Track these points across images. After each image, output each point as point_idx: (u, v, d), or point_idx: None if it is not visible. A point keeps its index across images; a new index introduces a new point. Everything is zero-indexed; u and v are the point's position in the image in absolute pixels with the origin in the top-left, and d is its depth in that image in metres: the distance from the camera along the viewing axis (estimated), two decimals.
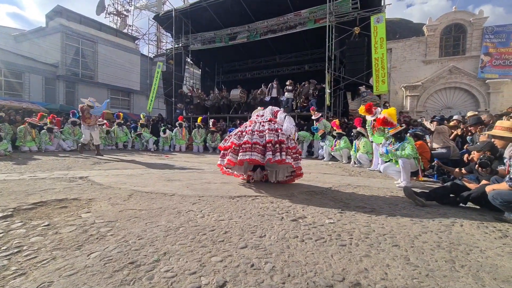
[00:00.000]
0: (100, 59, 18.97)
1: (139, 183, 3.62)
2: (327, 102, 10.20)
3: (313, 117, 8.72)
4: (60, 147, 8.80)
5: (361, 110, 5.61)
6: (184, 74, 16.58)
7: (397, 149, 4.13)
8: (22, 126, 8.01)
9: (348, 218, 2.32)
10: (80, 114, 7.25)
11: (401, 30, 21.43)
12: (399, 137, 4.21)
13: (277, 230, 1.98)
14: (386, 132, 4.73)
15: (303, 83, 11.66)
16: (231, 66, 17.43)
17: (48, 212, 2.27)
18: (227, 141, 3.76)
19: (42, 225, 1.95)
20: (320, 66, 13.11)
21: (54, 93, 17.23)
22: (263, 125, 3.64)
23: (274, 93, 11.59)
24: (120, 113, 11.36)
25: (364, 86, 11.11)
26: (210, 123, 10.72)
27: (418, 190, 3.14)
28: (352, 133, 6.94)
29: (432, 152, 5.06)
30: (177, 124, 11.00)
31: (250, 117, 4.23)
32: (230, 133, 3.96)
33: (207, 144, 10.87)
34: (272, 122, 3.70)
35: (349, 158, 7.25)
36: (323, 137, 8.01)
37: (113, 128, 10.65)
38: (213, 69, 17.65)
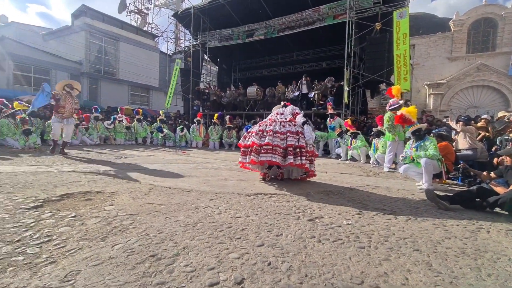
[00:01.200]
0: (122, 56, 19.57)
1: (158, 178, 3.72)
2: (345, 100, 9.98)
3: (327, 112, 8.58)
4: (83, 142, 9.19)
5: (396, 121, 4.87)
6: (201, 71, 16.79)
7: (416, 149, 3.99)
8: (50, 121, 8.42)
9: (366, 220, 2.27)
10: (54, 102, 5.82)
11: (425, 25, 20.48)
12: (418, 135, 4.06)
13: (293, 229, 1.98)
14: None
15: (316, 82, 11.48)
16: (247, 63, 17.42)
17: (75, 204, 2.38)
18: (246, 139, 3.78)
19: (70, 216, 2.05)
20: (338, 63, 12.82)
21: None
22: (283, 126, 3.63)
23: (304, 89, 11.46)
24: (140, 109, 11.70)
25: (384, 84, 10.77)
26: (227, 120, 10.79)
27: (441, 193, 3.02)
28: (372, 132, 6.77)
29: (457, 153, 4.84)
30: (195, 120, 11.19)
31: (268, 114, 4.25)
32: (249, 131, 3.97)
33: (223, 140, 10.98)
34: (293, 122, 3.68)
35: (367, 157, 7.09)
36: (340, 136, 7.87)
37: (133, 123, 11.00)
38: (230, 66, 17.72)
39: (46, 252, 1.47)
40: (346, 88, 9.93)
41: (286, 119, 3.76)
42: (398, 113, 4.34)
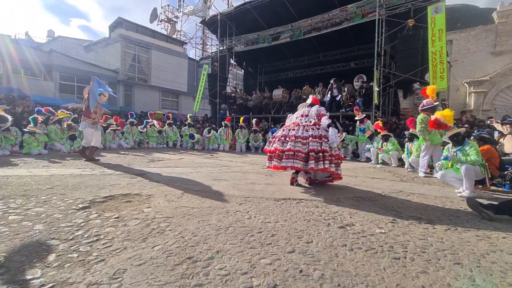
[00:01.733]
0: (153, 63, 20.65)
1: (189, 182, 3.89)
2: (375, 100, 9.62)
3: (356, 118, 8.33)
4: (120, 146, 9.84)
5: (431, 126, 4.63)
6: (228, 75, 17.17)
7: (456, 155, 3.73)
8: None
9: (401, 229, 2.19)
10: (86, 105, 5.72)
11: (464, 17, 19.04)
12: (456, 140, 3.80)
13: (324, 236, 1.97)
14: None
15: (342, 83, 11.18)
16: (273, 66, 17.49)
17: (117, 205, 2.58)
18: (270, 144, 3.82)
19: (113, 217, 2.23)
20: (368, 62, 12.39)
21: (115, 96, 19.30)
22: (306, 130, 3.60)
23: (335, 92, 11.27)
24: (170, 114, 12.27)
25: (418, 83, 10.22)
26: (253, 123, 10.93)
27: (485, 202, 2.81)
28: (405, 135, 6.45)
29: (502, 158, 4.46)
30: (222, 124, 11.46)
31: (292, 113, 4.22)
32: (273, 135, 4.00)
33: (249, 143, 11.12)
34: (317, 126, 3.63)
35: (400, 161, 6.78)
36: (370, 138, 7.60)
37: (164, 128, 11.55)
38: (256, 69, 17.92)
39: (96, 251, 1.63)
40: (376, 88, 9.58)
41: (310, 122, 3.71)
42: (432, 117, 4.09)
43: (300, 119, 3.85)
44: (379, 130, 7.23)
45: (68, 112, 8.73)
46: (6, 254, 1.54)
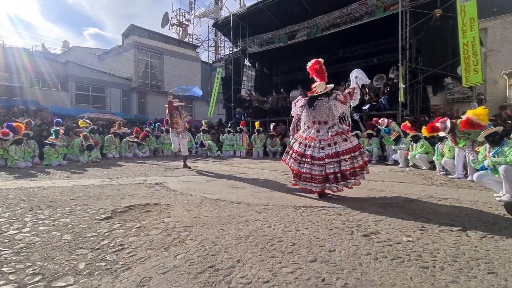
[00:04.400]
0: (166, 69, 21.40)
1: (207, 190, 4.04)
2: (401, 98, 9.42)
3: (380, 128, 8.01)
4: (136, 155, 10.29)
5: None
6: (242, 78, 17.44)
7: (494, 156, 3.62)
8: (108, 136, 9.68)
9: (430, 237, 2.19)
10: (168, 117, 6.68)
11: (500, 2, 18.20)
12: (493, 141, 3.68)
13: (347, 245, 2.02)
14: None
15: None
16: (289, 66, 17.52)
17: (137, 215, 2.76)
18: (288, 157, 3.69)
19: (135, 227, 2.40)
20: (391, 57, 12.15)
21: (129, 104, 20.17)
22: (322, 148, 3.43)
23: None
24: (188, 122, 12.61)
25: (449, 77, 9.89)
26: (271, 127, 11.00)
27: None
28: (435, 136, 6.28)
29: None
30: (237, 129, 11.65)
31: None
32: (290, 145, 3.82)
33: (266, 148, 11.21)
34: (340, 134, 3.50)
35: (430, 163, 6.59)
36: (397, 140, 7.44)
37: None
38: (271, 70, 18.07)
39: (121, 259, 1.78)
40: (401, 85, 9.39)
41: (327, 135, 3.51)
42: (464, 117, 3.99)
43: (316, 134, 3.56)
44: (407, 131, 7.05)
45: (89, 122, 9.31)
46: (40, 263, 1.73)
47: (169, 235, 2.20)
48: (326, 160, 3.40)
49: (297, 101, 3.91)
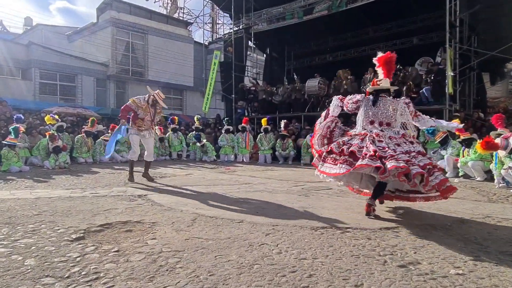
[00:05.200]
0: (151, 52, 21.62)
1: (201, 205, 4.08)
2: (449, 89, 9.36)
3: (462, 138, 7.51)
4: (114, 159, 10.42)
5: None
6: (246, 63, 17.51)
7: None
8: (80, 135, 9.84)
9: (486, 270, 2.17)
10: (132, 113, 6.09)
11: None
12: None
13: (378, 278, 2.02)
14: None
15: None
16: (305, 48, 17.57)
17: (115, 236, 2.81)
18: (342, 155, 3.47)
19: (113, 250, 2.44)
20: (436, 37, 12.10)
21: (105, 96, 20.45)
22: (398, 144, 3.39)
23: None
24: (175, 117, 12.72)
25: None
26: (282, 126, 10.98)
27: None
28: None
29: None
30: (239, 128, 11.69)
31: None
32: (330, 147, 3.64)
33: (276, 152, 11.20)
34: (407, 138, 3.51)
35: (487, 172, 6.53)
36: (443, 143, 7.39)
37: (167, 134, 12.00)
38: (282, 53, 18.13)
39: None
40: (450, 72, 9.33)
41: (398, 134, 3.51)
42: None
43: (376, 132, 3.46)
44: (458, 133, 6.96)
45: (57, 118, 9.49)
46: None
47: (155, 262, 2.23)
48: (414, 154, 3.33)
49: (351, 97, 3.89)
